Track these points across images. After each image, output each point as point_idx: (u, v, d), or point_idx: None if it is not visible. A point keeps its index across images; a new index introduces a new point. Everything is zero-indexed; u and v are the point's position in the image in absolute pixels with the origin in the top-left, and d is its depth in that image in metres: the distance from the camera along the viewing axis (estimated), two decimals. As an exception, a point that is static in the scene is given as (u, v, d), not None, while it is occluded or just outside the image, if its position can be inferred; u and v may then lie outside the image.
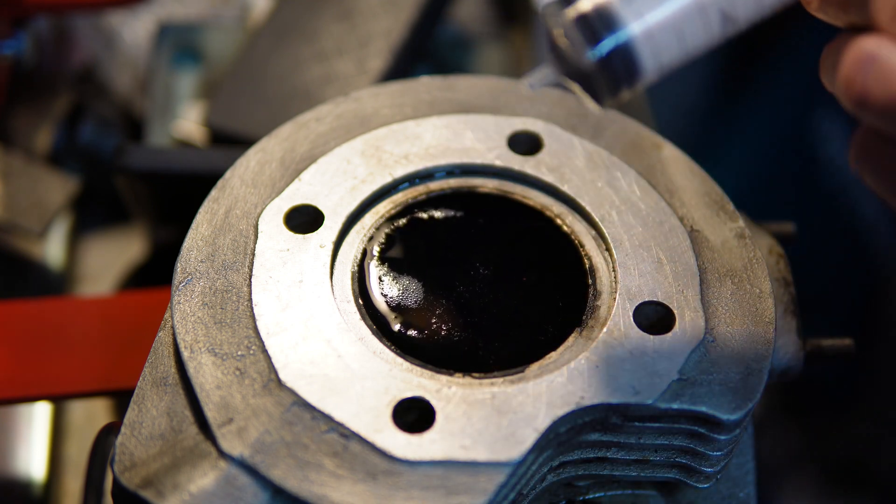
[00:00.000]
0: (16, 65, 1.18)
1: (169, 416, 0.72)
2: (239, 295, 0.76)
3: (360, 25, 1.16)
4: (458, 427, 0.70)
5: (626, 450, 0.74)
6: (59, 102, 1.23)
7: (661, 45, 0.64)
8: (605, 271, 0.79)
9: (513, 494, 0.70)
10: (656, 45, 0.63)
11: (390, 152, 0.84)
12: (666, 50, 0.64)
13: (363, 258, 0.80)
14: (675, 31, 0.63)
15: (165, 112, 1.23)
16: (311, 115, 0.86)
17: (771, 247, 0.87)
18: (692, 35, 0.64)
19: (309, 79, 1.13)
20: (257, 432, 0.69)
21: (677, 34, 0.64)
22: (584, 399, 0.71)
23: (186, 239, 0.78)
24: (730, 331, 0.75)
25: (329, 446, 0.69)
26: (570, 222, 0.82)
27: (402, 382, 0.72)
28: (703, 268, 0.78)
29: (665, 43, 0.64)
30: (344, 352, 0.73)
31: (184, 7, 1.36)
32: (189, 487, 0.68)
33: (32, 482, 1.07)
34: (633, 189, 0.82)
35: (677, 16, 0.63)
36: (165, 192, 1.09)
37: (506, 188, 0.84)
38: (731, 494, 0.80)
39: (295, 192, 0.81)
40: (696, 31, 0.64)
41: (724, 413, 0.71)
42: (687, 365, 0.73)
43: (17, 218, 1.14)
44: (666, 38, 0.63)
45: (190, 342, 0.73)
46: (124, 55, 1.32)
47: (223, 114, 1.13)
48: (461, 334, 0.76)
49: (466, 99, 0.87)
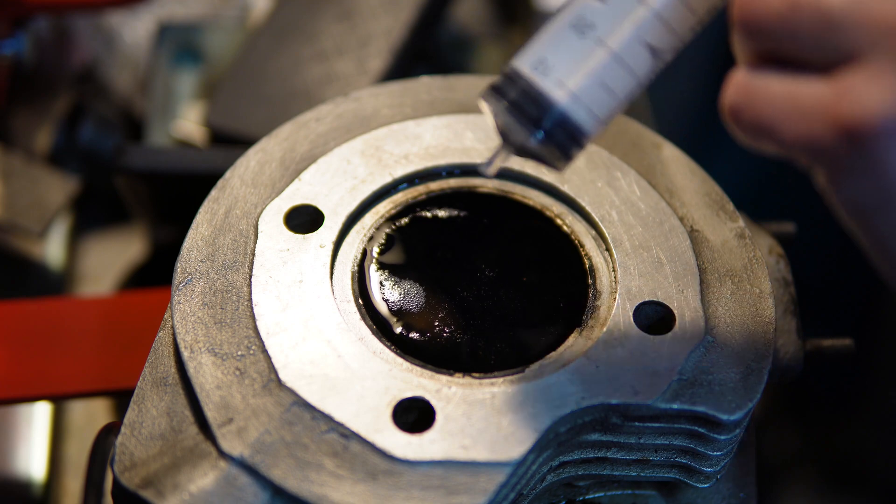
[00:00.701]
0: (16, 65, 1.18)
1: (169, 416, 0.72)
2: (239, 295, 0.76)
3: (360, 25, 1.16)
4: (458, 427, 0.70)
5: (626, 450, 0.74)
6: (59, 102, 1.23)
7: (594, 103, 0.66)
8: (605, 271, 0.79)
9: (513, 494, 0.70)
10: (588, 106, 0.66)
11: (390, 152, 0.84)
12: (599, 106, 0.66)
13: (363, 258, 0.80)
14: (601, 87, 0.66)
15: (165, 112, 1.23)
16: (311, 115, 0.86)
17: (771, 247, 0.87)
18: (619, 83, 0.66)
19: (309, 79, 1.13)
20: (257, 432, 0.69)
21: (604, 89, 0.66)
22: (584, 399, 0.71)
23: (186, 239, 0.78)
24: (730, 331, 0.75)
25: (329, 446, 0.69)
26: (570, 222, 0.82)
27: (402, 382, 0.72)
28: (703, 268, 0.78)
29: (597, 100, 0.66)
30: (344, 352, 0.73)
31: (184, 7, 1.36)
32: (189, 487, 0.68)
33: (32, 482, 1.07)
34: (633, 189, 0.82)
35: (597, 72, 0.66)
36: (165, 192, 1.09)
37: (506, 188, 0.84)
38: (731, 494, 0.80)
39: (295, 192, 0.81)
40: (621, 78, 0.66)
41: (724, 413, 0.71)
42: (687, 365, 0.73)
43: (17, 218, 1.14)
44: (595, 95, 0.66)
45: (190, 342, 0.73)
46: (124, 55, 1.32)
47: (223, 114, 1.13)
48: (461, 334, 0.76)
49: (466, 99, 0.87)
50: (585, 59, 0.65)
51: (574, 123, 0.66)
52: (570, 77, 0.65)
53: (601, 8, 0.66)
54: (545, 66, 0.66)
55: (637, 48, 0.65)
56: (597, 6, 0.66)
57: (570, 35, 0.66)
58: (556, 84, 0.65)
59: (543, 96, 0.66)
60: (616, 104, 0.67)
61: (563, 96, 0.66)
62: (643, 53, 0.66)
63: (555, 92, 0.65)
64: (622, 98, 0.67)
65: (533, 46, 0.67)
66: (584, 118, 0.66)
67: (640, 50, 0.65)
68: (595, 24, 0.65)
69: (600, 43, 0.65)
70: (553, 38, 0.66)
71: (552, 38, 0.66)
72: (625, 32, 0.65)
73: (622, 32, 0.65)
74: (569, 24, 0.66)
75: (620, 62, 0.66)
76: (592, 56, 0.65)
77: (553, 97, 0.66)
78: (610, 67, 0.66)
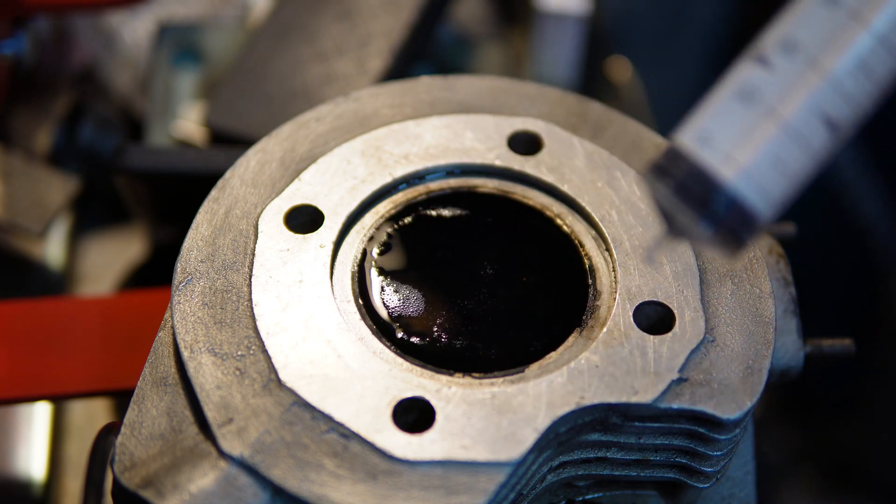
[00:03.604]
0: (16, 65, 1.18)
1: (169, 416, 0.72)
2: (239, 295, 0.76)
3: (360, 25, 1.16)
4: (458, 427, 0.70)
5: (626, 450, 0.74)
6: (59, 102, 1.23)
7: (766, 184, 0.58)
8: (605, 271, 0.79)
9: (513, 494, 0.70)
10: (762, 188, 0.58)
11: (390, 152, 0.84)
12: (773, 186, 0.58)
13: (363, 258, 0.80)
14: (775, 166, 0.58)
15: (165, 112, 1.23)
16: (311, 115, 0.86)
17: (771, 247, 0.87)
18: (794, 161, 0.58)
19: (309, 79, 1.13)
20: (257, 432, 0.69)
21: (778, 168, 0.58)
22: (584, 399, 0.71)
23: (186, 239, 0.78)
24: (730, 331, 0.75)
25: (329, 446, 0.69)
26: (570, 222, 0.82)
27: (402, 382, 0.72)
28: (703, 268, 0.78)
29: (769, 181, 0.58)
30: (344, 352, 0.73)
31: (184, 7, 1.36)
32: (189, 487, 0.68)
33: (32, 482, 1.07)
34: (633, 189, 0.82)
35: (771, 149, 0.58)
36: (165, 192, 1.09)
37: (506, 188, 0.84)
38: (731, 494, 0.80)
39: (295, 192, 0.81)
40: (796, 155, 0.58)
41: (724, 413, 0.71)
42: (687, 365, 0.73)
43: (17, 218, 1.14)
44: (768, 176, 0.58)
45: (190, 342, 0.73)
46: (124, 55, 1.32)
47: (223, 114, 1.13)
48: (461, 334, 0.76)
49: (466, 99, 0.87)
50: (756, 133, 0.58)
51: (748, 208, 0.58)
52: (746, 156, 0.58)
53: (767, 77, 0.58)
54: (711, 141, 0.58)
55: (811, 119, 0.57)
56: (762, 74, 0.58)
57: (737, 106, 0.58)
58: (730, 164, 0.58)
59: (716, 179, 0.58)
60: (790, 184, 0.59)
61: (738, 179, 0.58)
62: (818, 125, 0.57)
63: (730, 174, 0.58)
64: (798, 176, 0.58)
65: (696, 119, 0.59)
66: (757, 202, 0.58)
67: (814, 122, 0.57)
68: (763, 93, 0.58)
69: (771, 113, 0.57)
70: (717, 109, 0.59)
71: (716, 110, 0.59)
72: (796, 102, 0.57)
73: (793, 102, 0.57)
74: (733, 94, 0.58)
75: (793, 135, 0.57)
76: (763, 130, 0.58)
77: (729, 180, 0.58)
78: (781, 141, 0.57)
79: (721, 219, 0.58)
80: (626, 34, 1.68)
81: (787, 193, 0.59)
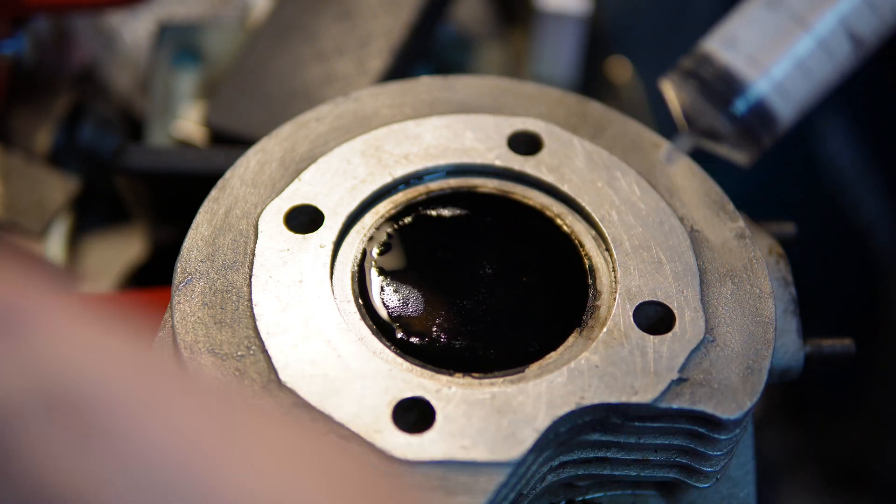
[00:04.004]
0: (16, 65, 1.18)
1: (169, 416, 0.72)
2: (239, 295, 0.76)
3: (360, 25, 1.16)
4: (458, 427, 0.70)
5: (626, 450, 0.74)
6: (59, 102, 1.23)
7: (789, 87, 0.61)
8: (605, 271, 0.79)
9: (513, 494, 0.70)
10: (785, 90, 0.61)
11: (390, 152, 0.84)
12: (795, 90, 0.61)
13: (363, 258, 0.80)
14: (798, 71, 0.61)
15: (165, 112, 1.23)
16: (311, 115, 0.86)
17: (771, 247, 0.87)
18: (818, 68, 0.61)
19: (309, 79, 1.13)
20: (257, 432, 0.69)
21: (802, 72, 0.61)
22: (584, 399, 0.71)
23: (186, 239, 0.78)
24: (730, 331, 0.75)
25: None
26: (570, 222, 0.82)
27: (402, 382, 0.72)
28: (703, 268, 0.78)
29: (791, 85, 0.61)
30: (344, 352, 0.73)
31: (184, 7, 1.36)
32: (189, 487, 0.68)
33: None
34: (633, 189, 0.82)
35: (800, 58, 0.60)
36: (165, 192, 1.09)
37: (506, 188, 0.84)
38: (731, 494, 0.80)
39: (295, 192, 0.81)
40: (819, 60, 0.60)
41: (724, 413, 0.71)
42: (687, 365, 0.73)
43: (17, 218, 1.14)
44: (791, 80, 0.61)
45: (190, 342, 0.73)
46: (124, 55, 1.32)
47: (223, 114, 1.13)
48: (461, 334, 0.76)
49: (466, 99, 0.87)
50: (781, 37, 0.60)
51: (767, 105, 0.61)
52: (765, 55, 0.60)
53: None
54: (736, 44, 0.60)
55: (837, 28, 0.60)
56: None
57: (764, 13, 0.60)
58: (748, 62, 0.61)
59: (735, 74, 0.61)
60: (813, 90, 0.61)
61: (757, 75, 0.61)
62: (842, 35, 0.60)
63: (748, 71, 0.61)
64: (820, 83, 0.61)
65: (724, 25, 0.61)
66: (780, 106, 0.61)
67: (840, 31, 0.60)
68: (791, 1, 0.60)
69: (797, 20, 0.60)
70: (745, 16, 0.61)
71: (744, 16, 0.61)
72: (823, 10, 0.60)
73: (820, 8, 0.60)
74: (762, 2, 0.60)
75: (819, 42, 0.60)
76: (789, 34, 0.60)
77: (746, 76, 0.61)
78: (807, 47, 0.60)
79: (743, 118, 0.61)
80: (626, 34, 1.68)
81: (808, 99, 0.61)
